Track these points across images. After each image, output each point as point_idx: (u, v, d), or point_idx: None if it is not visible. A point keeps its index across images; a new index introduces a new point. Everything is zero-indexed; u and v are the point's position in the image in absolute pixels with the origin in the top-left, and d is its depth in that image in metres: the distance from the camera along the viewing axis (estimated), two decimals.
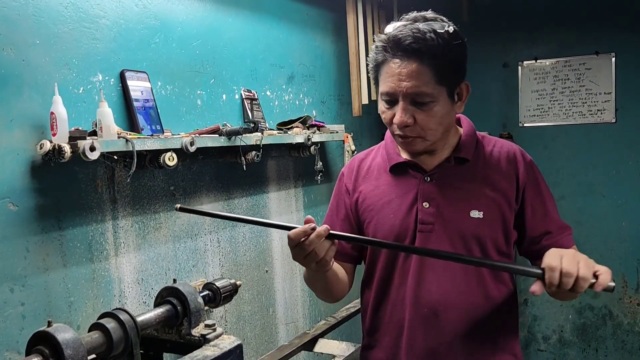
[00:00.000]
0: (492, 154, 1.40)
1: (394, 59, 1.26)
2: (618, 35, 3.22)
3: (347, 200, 1.48)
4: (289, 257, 2.61)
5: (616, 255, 3.36)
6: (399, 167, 1.40)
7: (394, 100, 1.28)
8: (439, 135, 1.32)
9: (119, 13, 1.81)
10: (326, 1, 2.87)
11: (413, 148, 1.34)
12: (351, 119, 3.03)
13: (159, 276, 1.96)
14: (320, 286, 1.44)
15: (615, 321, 3.41)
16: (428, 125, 1.28)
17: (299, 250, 1.21)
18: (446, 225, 1.33)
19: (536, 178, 1.41)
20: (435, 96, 1.26)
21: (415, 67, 1.24)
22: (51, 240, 1.62)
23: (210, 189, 2.18)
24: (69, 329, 1.16)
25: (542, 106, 3.47)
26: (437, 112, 1.27)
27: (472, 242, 1.34)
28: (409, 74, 1.24)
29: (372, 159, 1.50)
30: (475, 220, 1.33)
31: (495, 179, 1.36)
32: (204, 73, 2.14)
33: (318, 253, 1.20)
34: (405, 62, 1.24)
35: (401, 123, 1.26)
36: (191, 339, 1.41)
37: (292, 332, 2.65)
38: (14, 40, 1.52)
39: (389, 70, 1.27)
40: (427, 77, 1.24)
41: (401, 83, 1.24)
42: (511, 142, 1.46)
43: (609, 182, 3.34)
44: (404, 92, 1.25)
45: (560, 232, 1.41)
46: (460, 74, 1.31)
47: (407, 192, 1.37)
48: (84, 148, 1.50)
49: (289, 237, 1.21)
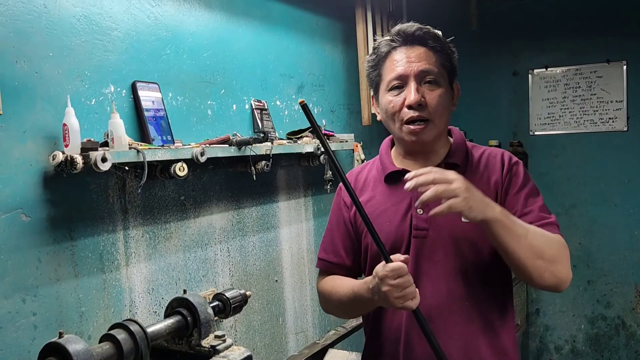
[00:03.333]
0: (481, 160, 1.44)
1: (400, 47, 1.38)
2: (629, 43, 3.21)
3: (345, 214, 1.52)
4: (299, 266, 2.64)
5: (628, 264, 3.33)
6: (393, 176, 1.44)
7: (403, 85, 1.36)
8: (443, 125, 1.40)
9: (130, 25, 1.83)
10: (335, 11, 2.89)
11: (423, 138, 1.37)
12: (361, 128, 3.04)
13: (169, 286, 1.96)
14: (361, 312, 1.47)
15: (629, 331, 3.37)
16: (437, 106, 1.35)
17: (404, 282, 1.20)
18: (440, 230, 1.36)
19: (517, 173, 1.40)
20: (440, 78, 1.37)
21: (423, 50, 1.37)
22: (63, 250, 1.63)
23: (220, 198, 2.19)
24: (80, 340, 1.17)
25: (552, 114, 3.45)
26: (442, 94, 1.37)
27: (465, 245, 1.36)
28: (418, 56, 1.36)
29: (367, 172, 1.54)
30: (467, 224, 1.33)
31: (484, 183, 1.39)
32: (215, 83, 2.16)
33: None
34: (412, 48, 1.38)
35: (415, 100, 1.33)
36: (201, 350, 1.42)
37: (301, 342, 2.65)
38: (27, 53, 1.54)
39: (396, 57, 1.38)
40: (433, 59, 1.37)
41: (411, 64, 1.35)
42: (500, 149, 1.50)
43: (620, 191, 3.31)
44: (415, 71, 1.35)
45: (539, 221, 1.34)
46: (455, 71, 1.42)
47: (402, 200, 1.41)
48: (95, 159, 1.52)
49: (397, 269, 1.20)
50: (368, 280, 1.30)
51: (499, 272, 1.40)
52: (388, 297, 1.21)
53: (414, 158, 1.46)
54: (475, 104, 3.66)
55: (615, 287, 3.39)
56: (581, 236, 3.44)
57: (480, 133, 3.55)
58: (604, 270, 3.41)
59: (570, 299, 3.52)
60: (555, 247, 1.28)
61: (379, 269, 1.23)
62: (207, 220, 2.13)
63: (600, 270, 3.42)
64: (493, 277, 1.39)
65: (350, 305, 1.42)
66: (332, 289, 1.49)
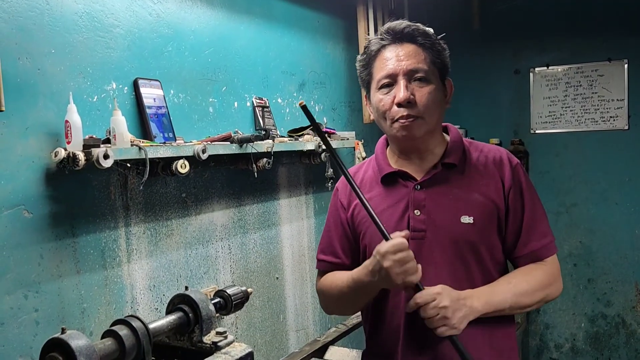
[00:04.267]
0: (479, 160, 1.42)
1: (390, 45, 1.38)
2: (631, 42, 3.21)
3: (342, 215, 1.51)
4: (300, 264, 2.64)
5: (629, 263, 3.33)
6: (389, 177, 1.44)
7: (392, 83, 1.35)
8: (435, 122, 1.38)
9: (132, 22, 1.83)
10: (337, 9, 2.89)
11: (413, 132, 1.36)
12: (362, 126, 3.04)
13: (171, 282, 1.97)
14: (362, 302, 1.45)
15: (629, 330, 3.38)
16: (427, 103, 1.34)
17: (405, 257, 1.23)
18: (438, 231, 1.35)
19: (520, 181, 1.41)
20: (430, 76, 1.36)
21: (412, 48, 1.36)
22: (65, 247, 1.64)
23: (221, 195, 2.19)
24: (82, 336, 1.17)
25: (554, 113, 3.45)
26: (432, 91, 1.35)
27: (465, 247, 1.35)
28: (407, 53, 1.35)
29: (364, 173, 1.53)
30: (466, 226, 1.34)
31: (483, 184, 1.38)
32: (216, 81, 2.16)
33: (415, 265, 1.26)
34: (402, 45, 1.37)
35: (404, 98, 1.32)
36: (202, 346, 1.42)
37: (302, 339, 2.65)
38: (29, 50, 1.54)
39: (386, 55, 1.37)
40: (422, 56, 1.36)
41: (401, 63, 1.35)
42: (498, 147, 1.49)
43: (621, 190, 3.31)
44: (404, 69, 1.34)
45: (539, 240, 1.39)
46: (446, 68, 1.41)
47: (399, 201, 1.40)
48: (97, 156, 1.52)
49: (398, 244, 1.23)
50: (367, 262, 1.31)
51: (497, 271, 1.40)
52: (390, 273, 1.23)
53: (409, 157, 1.44)
54: (477, 102, 3.66)
55: (616, 286, 3.39)
56: (582, 235, 3.45)
57: (482, 131, 3.55)
58: (605, 268, 3.41)
59: (570, 297, 3.52)
60: (540, 282, 1.37)
61: (380, 246, 1.25)
62: (209, 218, 2.13)
63: (601, 268, 3.43)
64: (491, 276, 1.38)
65: (351, 294, 1.40)
66: (331, 283, 1.48)
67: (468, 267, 1.36)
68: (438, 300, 1.25)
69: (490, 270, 1.38)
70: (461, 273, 1.35)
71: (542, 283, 1.37)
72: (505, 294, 1.33)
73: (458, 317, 1.26)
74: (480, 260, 1.36)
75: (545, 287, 1.37)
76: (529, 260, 1.40)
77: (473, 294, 1.31)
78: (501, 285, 1.35)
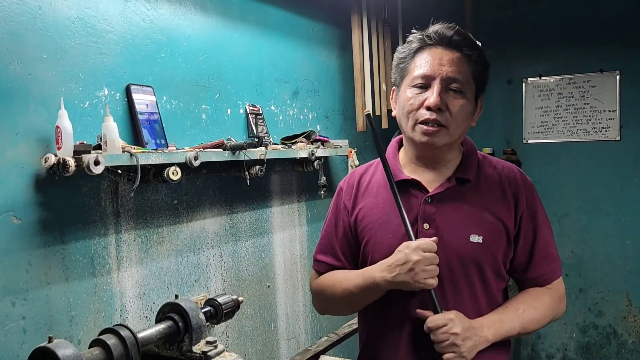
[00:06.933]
0: (493, 177, 1.40)
1: (435, 46, 1.33)
2: (623, 53, 3.23)
3: (345, 218, 1.47)
4: (292, 272, 2.63)
5: (620, 273, 3.34)
6: (400, 185, 1.38)
7: (427, 85, 1.31)
8: (457, 137, 1.35)
9: (125, 28, 1.82)
10: (332, 17, 2.89)
11: (434, 141, 1.32)
12: (355, 134, 3.04)
13: (161, 290, 1.95)
14: (366, 302, 1.41)
15: (620, 340, 3.38)
16: (456, 115, 1.31)
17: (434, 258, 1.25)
18: (445, 248, 1.31)
19: (534, 205, 1.41)
20: (467, 89, 1.32)
21: (457, 56, 1.32)
22: (53, 253, 1.62)
23: (213, 203, 2.18)
24: (69, 345, 1.16)
25: (546, 123, 3.47)
26: (464, 106, 1.32)
27: (470, 266, 1.34)
28: (450, 60, 1.31)
29: (371, 175, 1.48)
30: (475, 245, 1.33)
31: (496, 204, 1.36)
32: (209, 87, 2.15)
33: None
34: (447, 50, 1.32)
35: (435, 104, 1.29)
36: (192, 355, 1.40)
37: (293, 348, 2.64)
38: (20, 55, 1.53)
39: (430, 55, 1.33)
40: (464, 68, 1.32)
41: (442, 67, 1.30)
42: (511, 165, 1.47)
43: (613, 200, 3.33)
44: (443, 75, 1.30)
45: (548, 264, 1.41)
46: (484, 86, 1.38)
47: (408, 212, 1.34)
48: (88, 162, 1.51)
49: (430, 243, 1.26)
50: (387, 259, 1.30)
51: (500, 290, 1.40)
52: (415, 268, 1.24)
53: (424, 166, 1.40)
54: None
55: (607, 296, 3.40)
56: (573, 244, 3.45)
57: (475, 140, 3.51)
58: (596, 278, 3.42)
59: None
60: (548, 308, 1.39)
61: (410, 242, 1.27)
62: (200, 225, 2.12)
63: (592, 278, 3.43)
64: (493, 295, 1.38)
65: (358, 293, 1.36)
66: (334, 282, 1.44)
67: (472, 286, 1.34)
68: (450, 325, 1.25)
69: (493, 290, 1.37)
70: (465, 290, 1.34)
71: (550, 308, 1.39)
72: (514, 322, 1.33)
73: (468, 346, 1.25)
74: (484, 279, 1.35)
75: (553, 312, 1.40)
76: (535, 284, 1.40)
77: (483, 324, 1.30)
78: (510, 312, 1.35)
